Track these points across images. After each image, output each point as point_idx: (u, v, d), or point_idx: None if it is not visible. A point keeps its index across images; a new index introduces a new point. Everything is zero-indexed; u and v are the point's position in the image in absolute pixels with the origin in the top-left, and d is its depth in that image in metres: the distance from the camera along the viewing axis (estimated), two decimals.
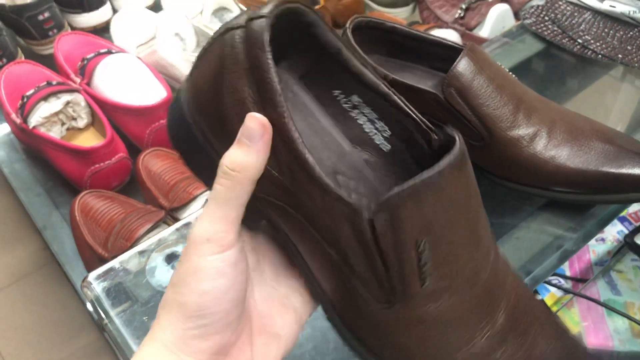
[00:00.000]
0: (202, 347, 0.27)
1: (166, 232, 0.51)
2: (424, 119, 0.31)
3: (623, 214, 0.96)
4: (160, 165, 0.79)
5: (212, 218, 0.27)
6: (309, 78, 0.35)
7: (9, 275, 1.34)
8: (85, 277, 0.48)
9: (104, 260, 0.51)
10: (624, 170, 0.47)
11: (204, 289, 0.27)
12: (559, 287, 0.87)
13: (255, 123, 0.27)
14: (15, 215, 1.25)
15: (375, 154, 0.34)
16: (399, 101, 0.31)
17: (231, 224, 0.28)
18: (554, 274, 0.89)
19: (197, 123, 0.31)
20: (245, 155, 0.27)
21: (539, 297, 0.87)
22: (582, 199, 0.49)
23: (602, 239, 0.93)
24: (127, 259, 0.49)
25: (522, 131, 0.48)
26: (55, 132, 0.80)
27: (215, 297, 0.27)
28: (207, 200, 0.29)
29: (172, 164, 0.79)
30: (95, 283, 0.48)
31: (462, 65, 0.48)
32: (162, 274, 0.48)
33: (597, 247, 0.92)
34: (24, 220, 0.98)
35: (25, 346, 1.23)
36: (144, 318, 0.46)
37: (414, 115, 0.31)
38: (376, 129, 0.34)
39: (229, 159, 0.27)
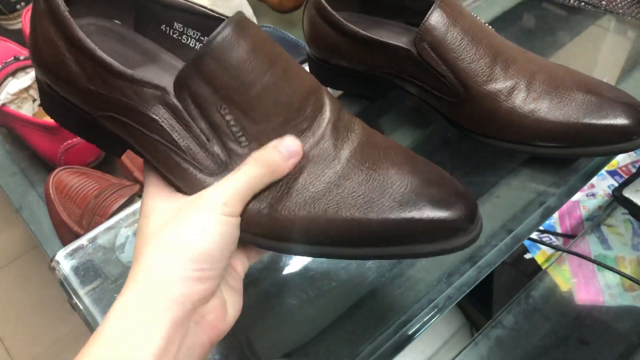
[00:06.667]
0: (196, 288, 0.31)
1: (137, 206, 0.49)
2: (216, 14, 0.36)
3: (614, 167, 0.94)
4: None
5: (232, 190, 0.32)
6: (140, 26, 0.39)
7: (3, 258, 1.34)
8: (54, 256, 0.46)
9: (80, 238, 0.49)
10: (607, 121, 0.45)
11: (214, 240, 0.31)
12: (549, 245, 0.86)
13: (297, 144, 0.33)
14: (3, 198, 1.24)
15: None
16: (207, 11, 0.36)
17: (244, 200, 0.33)
18: (544, 231, 0.88)
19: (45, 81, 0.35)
20: (281, 160, 0.33)
21: (529, 255, 0.87)
22: (564, 152, 0.47)
23: (593, 194, 0.92)
24: (95, 236, 0.47)
25: (500, 85, 0.46)
26: (26, 109, 0.78)
27: (221, 249, 0.32)
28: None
29: None
30: (64, 262, 0.46)
31: (435, 17, 0.45)
32: (132, 250, 0.46)
33: (587, 203, 0.91)
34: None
35: (22, 326, 1.23)
36: (115, 295, 0.44)
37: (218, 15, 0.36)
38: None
39: (265, 155, 0.33)
